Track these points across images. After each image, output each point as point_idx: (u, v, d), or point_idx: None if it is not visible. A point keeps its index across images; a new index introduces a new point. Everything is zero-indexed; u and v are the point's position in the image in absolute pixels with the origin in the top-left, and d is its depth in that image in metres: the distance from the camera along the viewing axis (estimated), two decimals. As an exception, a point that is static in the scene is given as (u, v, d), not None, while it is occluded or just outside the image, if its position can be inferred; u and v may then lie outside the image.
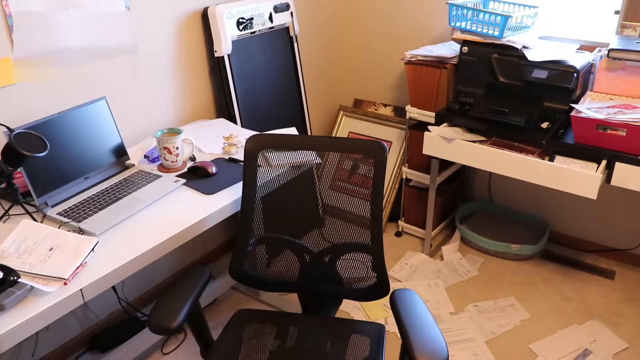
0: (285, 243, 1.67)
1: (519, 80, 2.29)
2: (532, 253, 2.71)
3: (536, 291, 2.50)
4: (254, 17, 2.40)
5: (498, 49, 2.28)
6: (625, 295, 2.46)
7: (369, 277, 1.61)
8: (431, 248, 2.79)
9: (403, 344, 1.32)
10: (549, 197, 2.80)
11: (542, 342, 2.20)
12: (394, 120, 3.02)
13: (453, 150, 2.32)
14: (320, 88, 3.15)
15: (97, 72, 1.98)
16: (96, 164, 1.80)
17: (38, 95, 1.82)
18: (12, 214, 1.60)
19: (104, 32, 1.95)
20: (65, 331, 2.13)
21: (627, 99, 2.13)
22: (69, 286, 1.30)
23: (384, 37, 2.98)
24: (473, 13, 2.33)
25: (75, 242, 1.41)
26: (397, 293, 1.43)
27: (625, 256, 2.67)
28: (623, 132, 1.93)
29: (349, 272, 1.65)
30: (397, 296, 1.42)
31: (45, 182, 1.63)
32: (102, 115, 1.83)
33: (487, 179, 2.99)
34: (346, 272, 1.65)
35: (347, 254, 1.64)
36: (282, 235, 1.66)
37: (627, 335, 2.23)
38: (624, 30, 2.22)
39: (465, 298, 2.46)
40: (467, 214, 3.04)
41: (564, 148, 2.12)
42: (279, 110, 2.68)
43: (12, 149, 1.42)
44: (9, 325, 1.19)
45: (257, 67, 2.52)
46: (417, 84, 2.53)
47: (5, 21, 1.66)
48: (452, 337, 2.23)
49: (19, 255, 1.35)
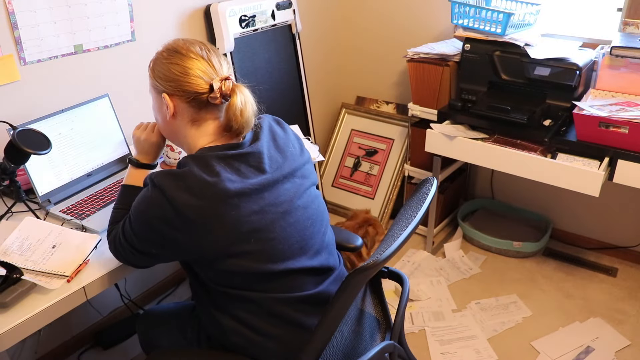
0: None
1: (522, 78, 2.28)
2: (535, 250, 2.71)
3: (538, 288, 2.50)
4: (256, 15, 2.40)
5: (500, 46, 2.28)
6: (627, 293, 2.46)
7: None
8: (433, 245, 2.79)
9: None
10: (551, 194, 2.80)
11: (544, 339, 2.21)
12: (396, 117, 3.02)
13: (455, 148, 2.32)
14: (323, 85, 3.15)
15: (100, 69, 1.99)
16: (99, 161, 1.80)
17: (41, 92, 1.82)
18: (15, 211, 1.61)
19: (107, 29, 1.96)
20: (68, 328, 2.13)
21: (629, 96, 2.13)
22: (72, 284, 1.30)
23: (386, 35, 2.98)
24: (475, 10, 2.33)
25: (78, 239, 1.42)
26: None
27: (628, 254, 2.67)
28: (625, 129, 1.93)
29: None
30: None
31: (48, 179, 1.64)
32: (105, 112, 1.84)
33: (490, 177, 2.99)
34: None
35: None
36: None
37: (629, 332, 2.23)
38: (626, 28, 2.21)
39: (467, 295, 2.46)
40: (470, 212, 3.04)
41: (566, 145, 2.11)
42: (281, 108, 2.68)
43: (15, 147, 1.42)
44: (12, 322, 1.19)
45: (259, 65, 2.52)
46: (419, 81, 2.52)
47: (8, 18, 1.67)
48: (455, 335, 2.23)
49: (22, 252, 1.36)
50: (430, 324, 2.29)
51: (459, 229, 2.89)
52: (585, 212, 2.74)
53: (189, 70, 1.20)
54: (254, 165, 1.21)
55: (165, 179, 1.14)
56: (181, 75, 1.20)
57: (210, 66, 1.21)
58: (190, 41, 1.25)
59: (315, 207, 1.32)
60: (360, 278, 1.08)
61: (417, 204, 1.29)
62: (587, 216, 2.74)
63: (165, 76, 1.22)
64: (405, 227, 1.19)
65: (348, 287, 1.09)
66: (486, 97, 2.32)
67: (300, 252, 1.25)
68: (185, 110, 1.23)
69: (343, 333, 1.37)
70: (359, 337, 1.42)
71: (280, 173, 1.24)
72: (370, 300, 1.52)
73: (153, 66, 1.26)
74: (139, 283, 2.37)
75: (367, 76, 3.16)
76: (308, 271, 1.28)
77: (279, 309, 1.25)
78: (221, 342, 1.32)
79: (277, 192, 1.22)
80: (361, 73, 3.18)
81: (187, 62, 1.20)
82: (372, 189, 3.04)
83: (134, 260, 1.27)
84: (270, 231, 1.19)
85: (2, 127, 1.61)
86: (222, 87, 1.20)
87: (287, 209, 1.23)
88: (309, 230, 1.28)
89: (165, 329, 1.48)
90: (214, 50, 1.25)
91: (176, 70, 1.20)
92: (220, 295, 1.25)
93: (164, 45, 1.27)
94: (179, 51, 1.22)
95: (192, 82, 1.19)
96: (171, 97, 1.23)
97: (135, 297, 2.36)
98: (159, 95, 1.25)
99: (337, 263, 1.40)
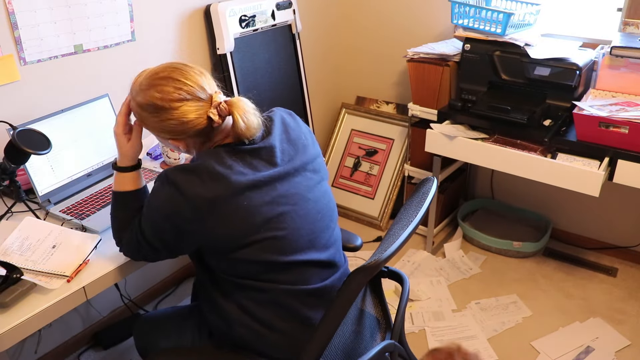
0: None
1: (522, 78, 2.28)
2: (534, 250, 2.71)
3: (538, 288, 2.50)
4: (256, 15, 2.40)
5: (500, 46, 2.28)
6: (627, 293, 2.46)
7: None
8: (433, 245, 2.79)
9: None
10: (551, 194, 2.80)
11: (544, 339, 2.21)
12: (396, 117, 3.02)
13: (455, 148, 2.32)
14: (323, 85, 3.15)
15: (100, 69, 1.99)
16: (99, 161, 1.80)
17: (41, 92, 1.82)
18: (15, 211, 1.61)
19: (107, 29, 1.96)
20: (68, 328, 2.13)
21: (629, 96, 2.13)
22: (72, 284, 1.30)
23: (386, 35, 2.98)
24: (475, 10, 2.33)
25: (78, 239, 1.42)
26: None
27: (628, 254, 2.67)
28: (625, 129, 1.93)
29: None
30: None
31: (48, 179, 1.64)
32: (105, 112, 1.83)
33: (490, 177, 2.99)
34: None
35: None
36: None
37: (629, 332, 2.23)
38: (626, 28, 2.21)
39: (467, 295, 2.46)
40: (470, 212, 3.04)
41: (566, 145, 2.11)
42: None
43: (15, 147, 1.42)
44: (12, 322, 1.19)
45: (259, 65, 2.52)
46: (419, 81, 2.52)
47: (8, 18, 1.67)
48: (454, 335, 2.23)
49: (22, 252, 1.36)
50: (430, 324, 2.29)
51: (459, 229, 2.89)
52: (585, 212, 2.74)
53: (184, 118, 1.19)
54: (265, 159, 1.23)
55: (179, 174, 1.16)
56: (180, 125, 1.20)
57: (197, 100, 1.20)
58: (161, 86, 1.19)
59: (326, 202, 1.34)
60: (362, 277, 1.09)
61: (417, 204, 1.30)
62: (587, 216, 2.74)
63: (165, 131, 1.23)
64: (405, 227, 1.20)
65: (350, 286, 1.11)
66: (486, 97, 2.32)
67: (309, 245, 1.27)
68: (195, 141, 1.26)
69: (343, 333, 1.38)
70: (359, 336, 1.43)
71: (292, 166, 1.26)
72: (371, 300, 1.52)
73: (147, 124, 1.25)
74: (139, 283, 2.37)
75: (367, 76, 3.16)
76: (316, 264, 1.29)
77: (286, 301, 1.26)
78: (225, 335, 1.32)
79: (289, 185, 1.24)
80: (361, 73, 3.18)
81: (176, 113, 1.19)
82: (372, 189, 3.04)
83: (153, 256, 1.28)
84: (280, 222, 1.21)
85: (2, 127, 1.61)
86: (220, 112, 1.21)
87: (297, 201, 1.25)
88: (319, 224, 1.30)
89: (162, 332, 1.48)
90: (185, 75, 1.20)
91: (171, 124, 1.20)
92: (229, 285, 1.27)
93: (139, 103, 1.22)
94: (162, 107, 1.19)
95: (191, 126, 1.20)
96: (178, 141, 1.25)
97: (135, 297, 2.35)
98: (166, 140, 1.27)
99: (342, 260, 1.42)
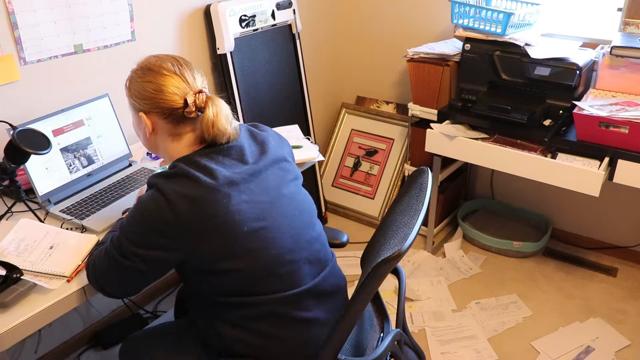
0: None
1: (522, 78, 2.28)
2: (534, 250, 2.71)
3: (538, 288, 2.50)
4: (256, 15, 2.40)
5: (500, 46, 2.28)
6: (627, 293, 2.46)
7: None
8: (433, 245, 2.79)
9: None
10: (551, 194, 2.80)
11: (544, 339, 2.21)
12: (396, 117, 3.02)
13: (455, 148, 2.32)
14: (323, 85, 3.15)
15: (100, 69, 1.99)
16: (99, 161, 1.80)
17: (41, 92, 1.82)
18: (15, 211, 1.61)
19: (107, 29, 1.96)
20: (68, 328, 2.14)
21: (629, 96, 2.13)
22: (72, 284, 1.30)
23: (386, 35, 2.98)
24: (475, 10, 2.33)
25: (75, 240, 1.42)
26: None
27: (628, 253, 2.67)
28: (626, 129, 1.93)
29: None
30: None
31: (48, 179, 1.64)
32: (105, 112, 1.83)
33: (490, 177, 2.99)
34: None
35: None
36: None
37: (629, 332, 2.23)
38: (626, 28, 2.21)
39: (467, 295, 2.46)
40: (470, 212, 3.04)
41: (566, 145, 2.11)
42: (281, 108, 2.68)
43: (16, 147, 1.42)
44: (12, 322, 1.19)
45: (259, 65, 2.52)
46: (419, 81, 2.52)
47: (8, 18, 1.67)
48: (454, 335, 2.23)
49: (19, 253, 1.35)
50: (430, 324, 2.29)
51: (459, 229, 2.89)
52: (585, 212, 2.74)
53: (163, 87, 1.22)
54: (236, 157, 1.25)
55: (158, 178, 1.18)
56: (156, 93, 1.23)
57: (183, 81, 1.24)
58: (163, 58, 1.27)
59: (302, 198, 1.36)
60: (386, 268, 1.13)
61: (417, 195, 1.33)
62: (587, 216, 2.74)
63: (140, 94, 1.25)
64: (415, 216, 1.23)
65: (374, 278, 1.13)
66: (486, 97, 2.32)
67: (293, 243, 1.27)
68: (164, 126, 1.26)
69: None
70: (361, 327, 1.48)
71: (262, 163, 1.28)
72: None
73: (129, 85, 1.29)
74: (139, 283, 2.37)
75: (367, 76, 3.16)
76: (304, 262, 1.30)
77: (282, 310, 1.26)
78: (224, 352, 1.32)
79: (263, 181, 1.26)
80: (361, 73, 3.18)
81: (161, 79, 1.23)
82: (372, 188, 3.04)
83: (126, 279, 1.22)
84: (261, 219, 1.22)
85: (2, 127, 1.61)
86: (196, 100, 1.23)
87: (274, 197, 1.26)
88: (298, 219, 1.31)
89: (152, 349, 1.45)
90: (186, 64, 1.28)
91: (150, 88, 1.23)
92: (220, 306, 1.26)
93: (138, 64, 1.29)
94: (151, 69, 1.24)
95: (166, 99, 1.22)
96: (148, 115, 1.26)
97: (135, 297, 2.36)
98: (137, 114, 1.28)
99: (330, 256, 1.43)
